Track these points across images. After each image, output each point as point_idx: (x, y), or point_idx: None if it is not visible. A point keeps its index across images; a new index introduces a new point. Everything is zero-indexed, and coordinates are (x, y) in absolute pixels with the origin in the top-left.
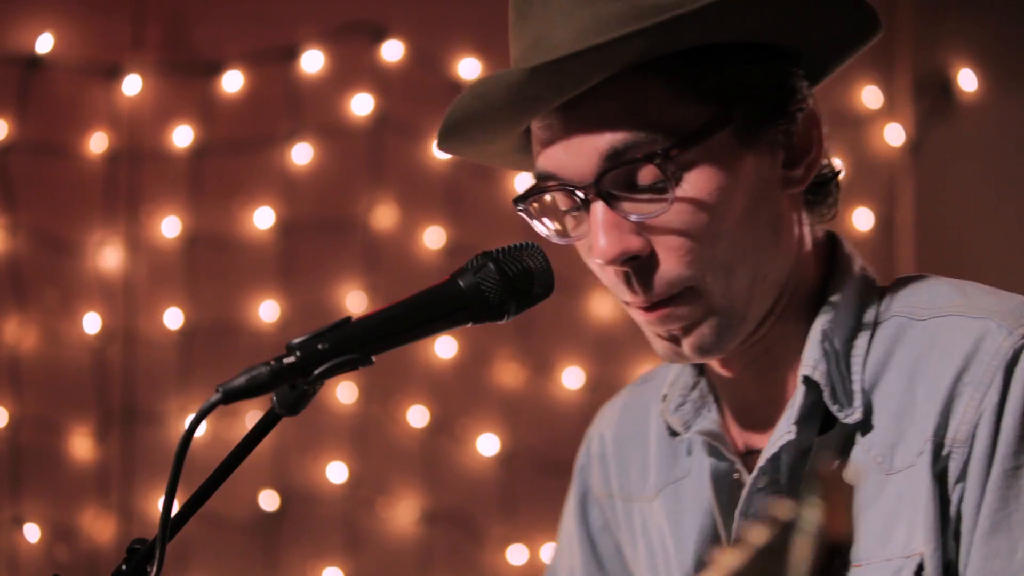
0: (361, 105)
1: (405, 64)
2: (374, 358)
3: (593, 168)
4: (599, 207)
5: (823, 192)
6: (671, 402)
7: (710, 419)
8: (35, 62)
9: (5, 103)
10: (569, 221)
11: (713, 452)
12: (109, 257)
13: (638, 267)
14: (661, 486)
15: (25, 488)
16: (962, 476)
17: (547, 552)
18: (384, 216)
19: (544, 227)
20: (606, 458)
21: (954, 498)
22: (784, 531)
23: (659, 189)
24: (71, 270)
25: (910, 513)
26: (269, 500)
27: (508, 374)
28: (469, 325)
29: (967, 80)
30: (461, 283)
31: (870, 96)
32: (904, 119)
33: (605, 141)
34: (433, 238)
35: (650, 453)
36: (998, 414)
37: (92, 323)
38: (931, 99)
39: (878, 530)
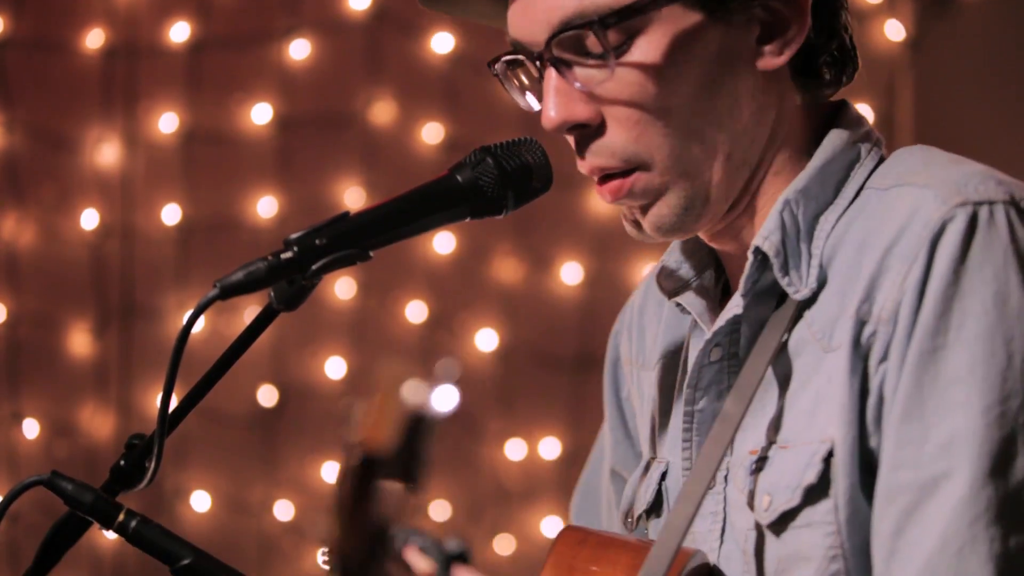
0: (359, 0)
1: None
2: (372, 253)
3: (545, 33)
4: (550, 73)
5: (813, 70)
6: (665, 267)
7: (700, 287)
8: None
9: None
10: (536, 88)
11: (695, 324)
12: (106, 153)
13: (586, 136)
14: (660, 356)
15: (24, 384)
16: (885, 357)
17: (545, 446)
18: (382, 112)
19: (517, 94)
20: (632, 325)
21: (876, 381)
22: (352, 451)
23: (603, 56)
24: (68, 166)
25: (833, 395)
26: (268, 395)
27: (506, 269)
28: (467, 220)
29: None
30: (459, 178)
31: None
32: (904, 15)
33: (557, 5)
34: (431, 133)
35: (662, 321)
36: (920, 290)
37: (90, 219)
38: None
39: (807, 410)
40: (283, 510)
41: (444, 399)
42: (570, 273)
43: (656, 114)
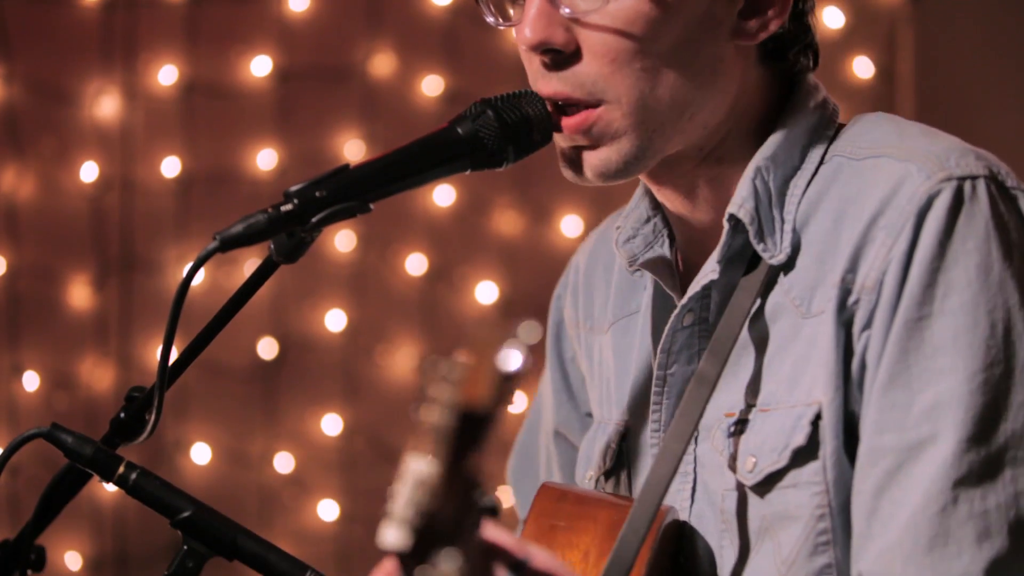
0: None
1: None
2: (372, 205)
3: None
4: None
5: (783, 55)
6: (621, 234)
7: (658, 254)
8: None
9: None
10: (516, 10)
11: (657, 287)
12: (106, 106)
13: (558, 60)
14: (614, 320)
15: (24, 337)
16: (868, 324)
17: None
18: (382, 64)
19: (489, 12)
20: (578, 288)
21: (859, 347)
22: (443, 406)
23: None
24: (68, 119)
25: (816, 360)
26: (268, 348)
27: (507, 222)
28: (467, 172)
29: None
30: (459, 130)
31: None
32: None
33: None
34: (431, 86)
35: (612, 285)
36: (906, 261)
37: (89, 172)
38: None
39: (787, 375)
40: (283, 462)
41: (522, 362)
42: (570, 226)
43: (635, 55)
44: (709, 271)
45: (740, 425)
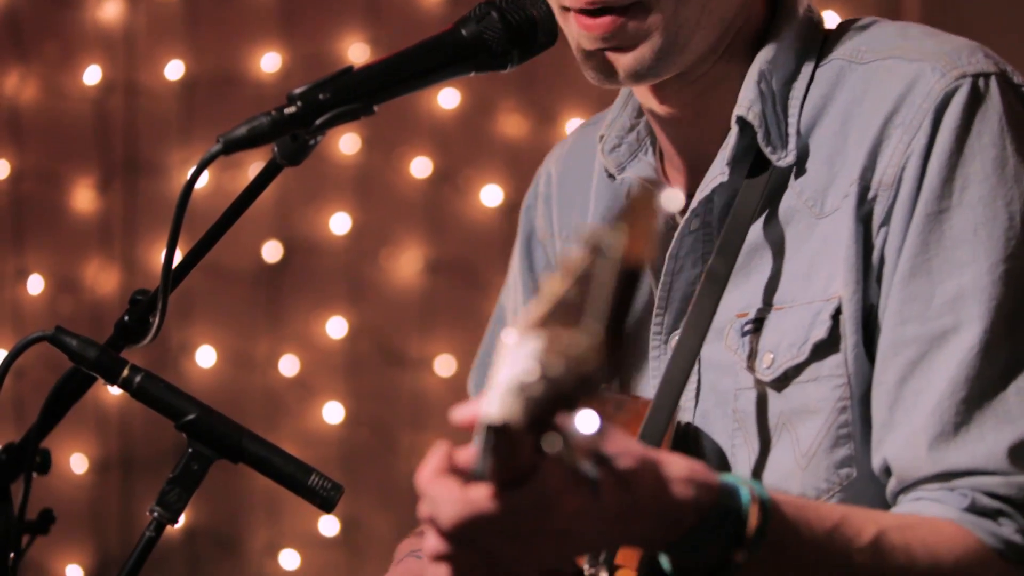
0: None
1: None
2: (376, 108)
3: None
4: None
5: None
6: (607, 143)
7: (645, 162)
8: None
9: None
10: None
11: None
12: (109, 8)
13: None
14: None
15: (28, 240)
16: (886, 220)
17: None
18: None
19: None
20: (551, 198)
21: (878, 242)
22: (595, 256)
23: None
24: (71, 22)
25: (833, 256)
26: (272, 251)
27: (511, 124)
28: (472, 74)
29: None
30: (464, 32)
31: None
32: None
33: None
34: None
35: (591, 194)
36: (925, 157)
37: (93, 75)
38: None
39: (802, 273)
40: (288, 365)
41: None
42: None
43: None
44: (718, 174)
45: (756, 324)
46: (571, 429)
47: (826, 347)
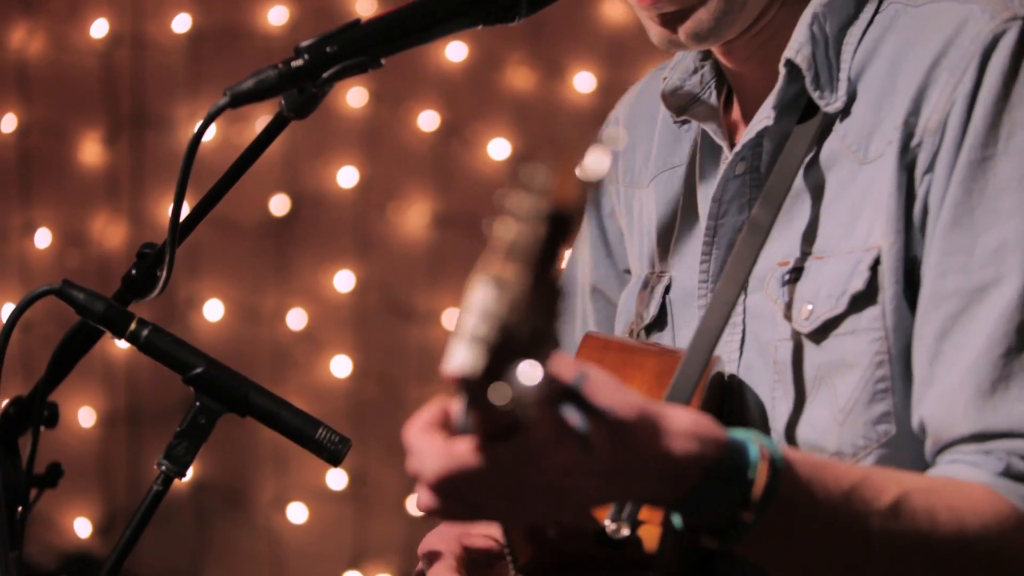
0: None
1: None
2: (383, 61)
3: None
4: None
5: None
6: (669, 84)
7: (706, 105)
8: None
9: None
10: None
11: (704, 138)
12: None
13: None
14: (656, 173)
15: (35, 194)
16: (930, 167)
17: None
18: None
19: None
20: None
21: (921, 191)
22: (526, 198)
23: None
24: None
25: (875, 205)
26: (280, 204)
27: (519, 78)
28: (479, 27)
29: None
30: None
31: None
32: None
33: None
34: None
35: (654, 139)
36: (970, 102)
37: (99, 28)
38: None
39: (844, 221)
40: (296, 319)
41: (608, 163)
42: (583, 82)
43: None
44: (763, 117)
45: (795, 273)
46: (518, 380)
47: (864, 299)
